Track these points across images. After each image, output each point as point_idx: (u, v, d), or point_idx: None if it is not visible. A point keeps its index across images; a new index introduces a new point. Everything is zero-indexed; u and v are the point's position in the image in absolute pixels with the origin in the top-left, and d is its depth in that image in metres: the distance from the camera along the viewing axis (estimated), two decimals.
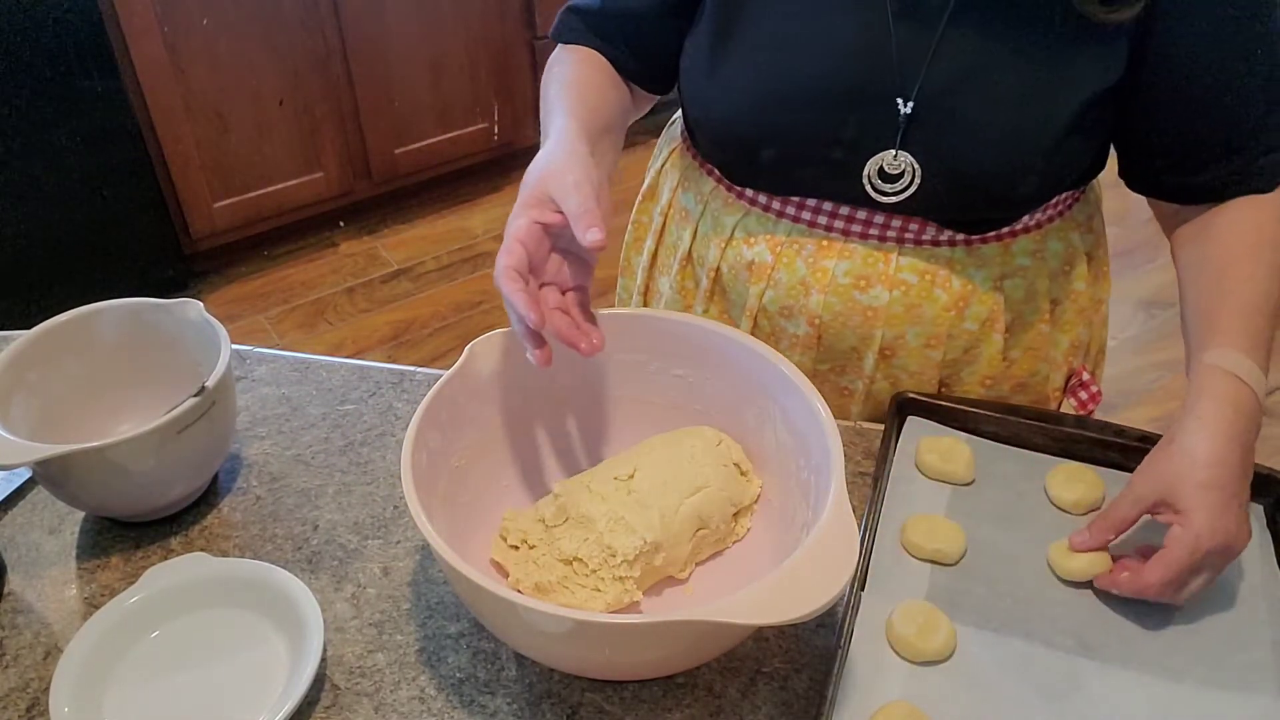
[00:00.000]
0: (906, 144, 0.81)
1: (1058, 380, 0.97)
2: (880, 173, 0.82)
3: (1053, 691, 0.67)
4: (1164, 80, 0.78)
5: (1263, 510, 0.80)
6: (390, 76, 2.67)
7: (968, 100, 0.78)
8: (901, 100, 0.79)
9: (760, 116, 0.84)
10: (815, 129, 0.82)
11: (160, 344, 0.87)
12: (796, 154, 0.84)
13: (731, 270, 0.94)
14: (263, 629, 0.73)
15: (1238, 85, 0.77)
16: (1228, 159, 0.80)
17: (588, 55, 0.92)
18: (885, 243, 0.87)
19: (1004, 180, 0.81)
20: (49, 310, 0.85)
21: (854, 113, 0.81)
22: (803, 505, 0.72)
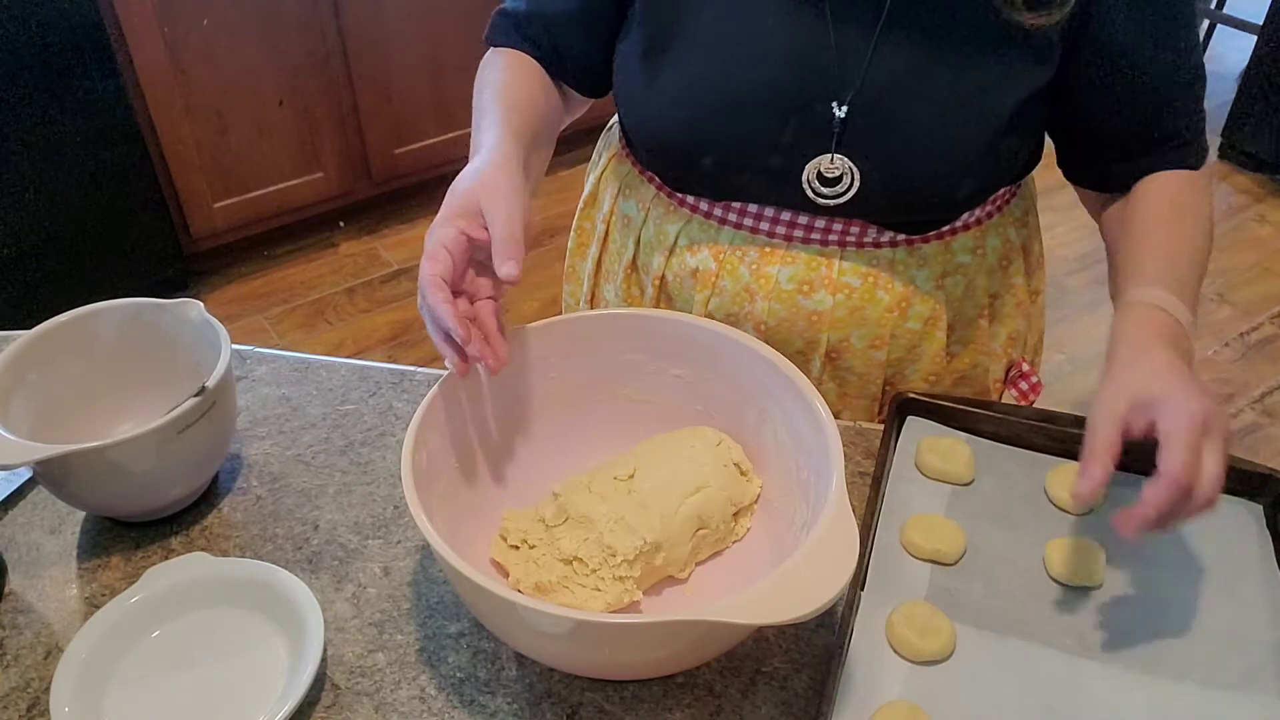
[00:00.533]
0: (842, 147, 0.81)
1: (998, 372, 0.98)
2: (819, 176, 0.83)
3: (1053, 691, 0.67)
4: (1098, 75, 0.80)
5: (1262, 510, 0.79)
6: (390, 76, 2.67)
7: (903, 103, 0.79)
8: (836, 104, 0.79)
9: (697, 126, 0.84)
10: (753, 136, 0.83)
11: (160, 344, 0.87)
12: (735, 161, 0.85)
13: (677, 278, 0.94)
14: (263, 629, 0.73)
15: (1167, 76, 0.81)
16: (1160, 146, 0.83)
17: (519, 60, 0.91)
18: (827, 247, 0.87)
19: (942, 181, 0.81)
20: (49, 310, 0.85)
21: (791, 119, 0.81)
22: (803, 505, 0.72)
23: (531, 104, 0.87)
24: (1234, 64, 3.73)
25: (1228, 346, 2.50)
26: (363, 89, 2.64)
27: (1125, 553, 0.76)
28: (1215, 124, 3.31)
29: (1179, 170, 0.84)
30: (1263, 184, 3.12)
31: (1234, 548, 0.77)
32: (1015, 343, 0.98)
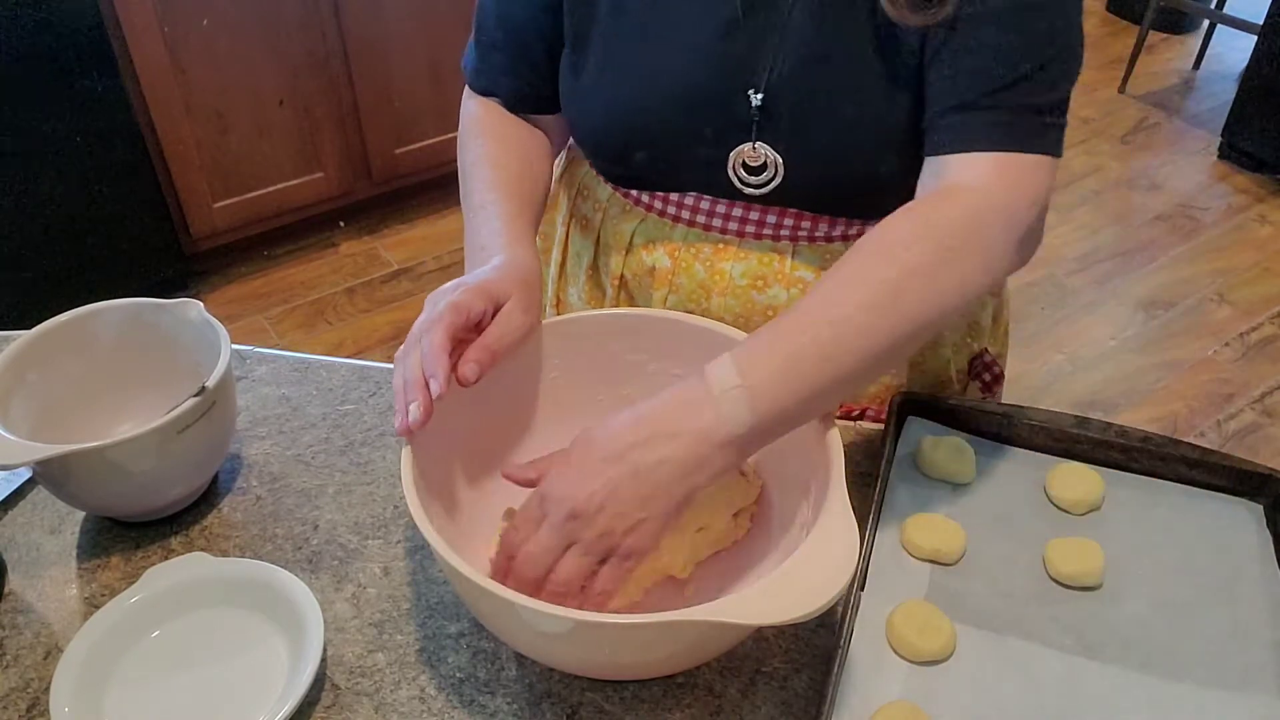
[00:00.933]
0: (763, 135, 0.82)
1: (961, 362, 0.98)
2: (744, 165, 0.83)
3: (1053, 691, 0.67)
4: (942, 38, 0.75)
5: (1262, 510, 0.80)
6: (390, 77, 2.67)
7: (812, 92, 0.79)
8: (753, 92, 0.80)
9: (624, 121, 0.85)
10: (678, 129, 0.84)
11: (160, 344, 0.87)
12: (666, 155, 0.86)
13: (635, 277, 0.95)
14: (263, 629, 0.73)
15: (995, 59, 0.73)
16: (962, 115, 0.74)
17: (505, 123, 0.92)
18: (779, 242, 0.88)
19: (860, 163, 0.81)
20: (49, 310, 0.85)
21: (711, 110, 0.82)
22: (803, 505, 0.72)
23: (534, 178, 0.89)
24: (1234, 64, 3.73)
25: (1228, 346, 2.50)
26: (363, 89, 2.64)
27: (1125, 553, 0.76)
28: (1215, 124, 3.32)
29: (913, 208, 0.73)
30: (1263, 184, 3.12)
31: (1234, 548, 0.77)
32: (976, 332, 0.99)
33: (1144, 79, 3.67)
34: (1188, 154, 3.28)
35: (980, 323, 0.98)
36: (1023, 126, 0.73)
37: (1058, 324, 2.58)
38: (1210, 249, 2.86)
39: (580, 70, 0.86)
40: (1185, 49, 3.89)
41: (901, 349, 0.69)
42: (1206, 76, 3.75)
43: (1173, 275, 2.75)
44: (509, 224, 0.81)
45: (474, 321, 0.71)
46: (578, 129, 0.90)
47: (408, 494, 0.65)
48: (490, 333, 0.71)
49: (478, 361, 0.70)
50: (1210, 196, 3.08)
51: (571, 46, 0.86)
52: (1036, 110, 0.73)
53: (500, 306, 0.73)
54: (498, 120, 0.92)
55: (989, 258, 0.71)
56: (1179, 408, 2.32)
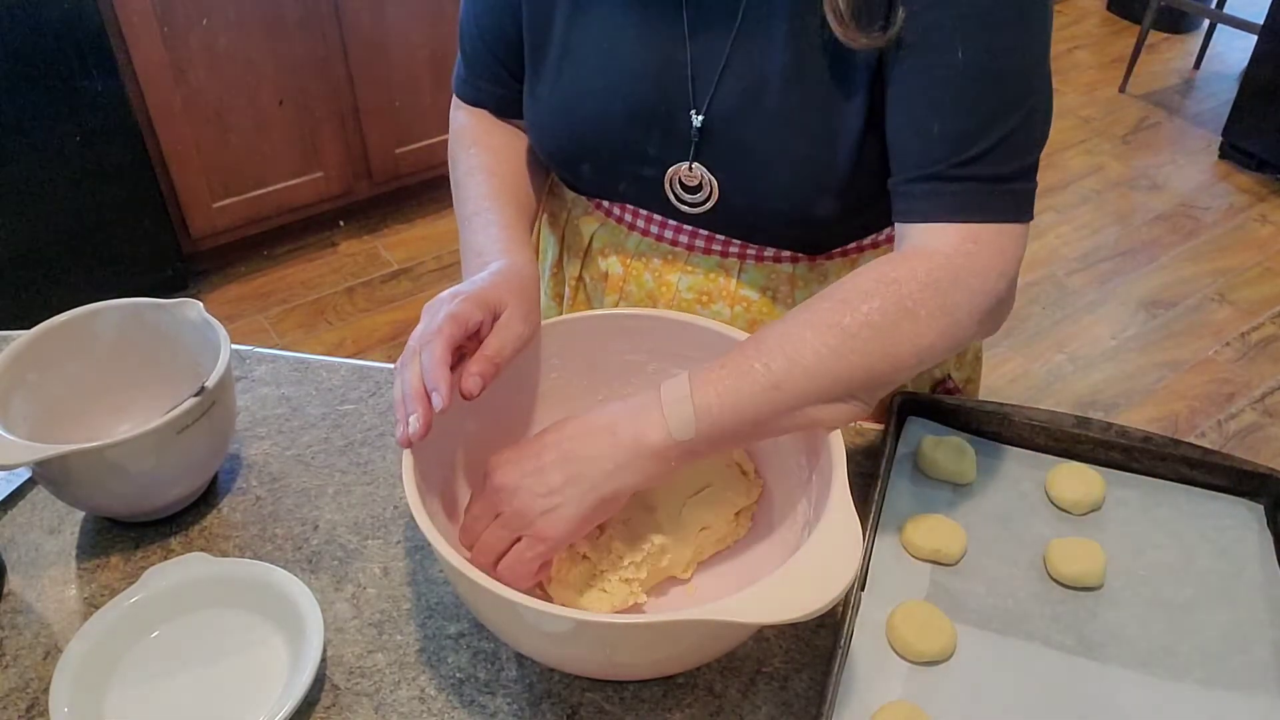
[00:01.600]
0: (700, 156, 0.82)
1: (922, 386, 0.98)
2: (680, 184, 0.84)
3: (1053, 691, 0.67)
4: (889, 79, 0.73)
5: (1263, 510, 0.79)
6: (390, 76, 2.66)
7: (753, 119, 0.78)
8: (694, 113, 0.80)
9: (571, 134, 0.86)
10: (622, 146, 0.84)
11: (160, 344, 0.87)
12: (609, 169, 0.87)
13: (591, 280, 0.96)
14: (263, 629, 0.73)
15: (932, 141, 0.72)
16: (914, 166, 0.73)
17: (495, 131, 0.92)
18: (727, 259, 0.88)
19: (794, 202, 0.80)
20: (49, 310, 0.85)
21: (654, 129, 0.82)
22: (804, 504, 0.72)
23: (526, 186, 0.90)
24: (1234, 64, 3.73)
25: (1228, 346, 2.50)
26: (363, 89, 2.63)
27: (1125, 553, 0.76)
28: (1215, 124, 3.32)
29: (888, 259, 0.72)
30: (1263, 184, 3.12)
31: (1234, 548, 0.77)
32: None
33: (1144, 79, 3.67)
34: (1188, 154, 3.28)
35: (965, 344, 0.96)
36: (991, 197, 0.71)
37: (1058, 324, 2.57)
38: (1211, 249, 2.86)
39: (536, 81, 0.86)
40: (1186, 49, 3.89)
41: (850, 393, 0.69)
42: (1207, 76, 3.75)
43: (1173, 275, 2.75)
44: (504, 230, 0.81)
45: (472, 330, 0.70)
46: (533, 138, 0.91)
47: (409, 494, 0.65)
48: (490, 343, 0.71)
49: (480, 374, 0.69)
50: (1211, 196, 3.08)
51: (529, 58, 0.86)
52: (1005, 178, 0.71)
53: (499, 315, 0.72)
54: (488, 129, 0.92)
55: (948, 322, 0.69)
56: (1179, 408, 2.32)
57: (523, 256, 0.79)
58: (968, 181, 0.71)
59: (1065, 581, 0.74)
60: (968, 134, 0.70)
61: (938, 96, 0.71)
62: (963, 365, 1.01)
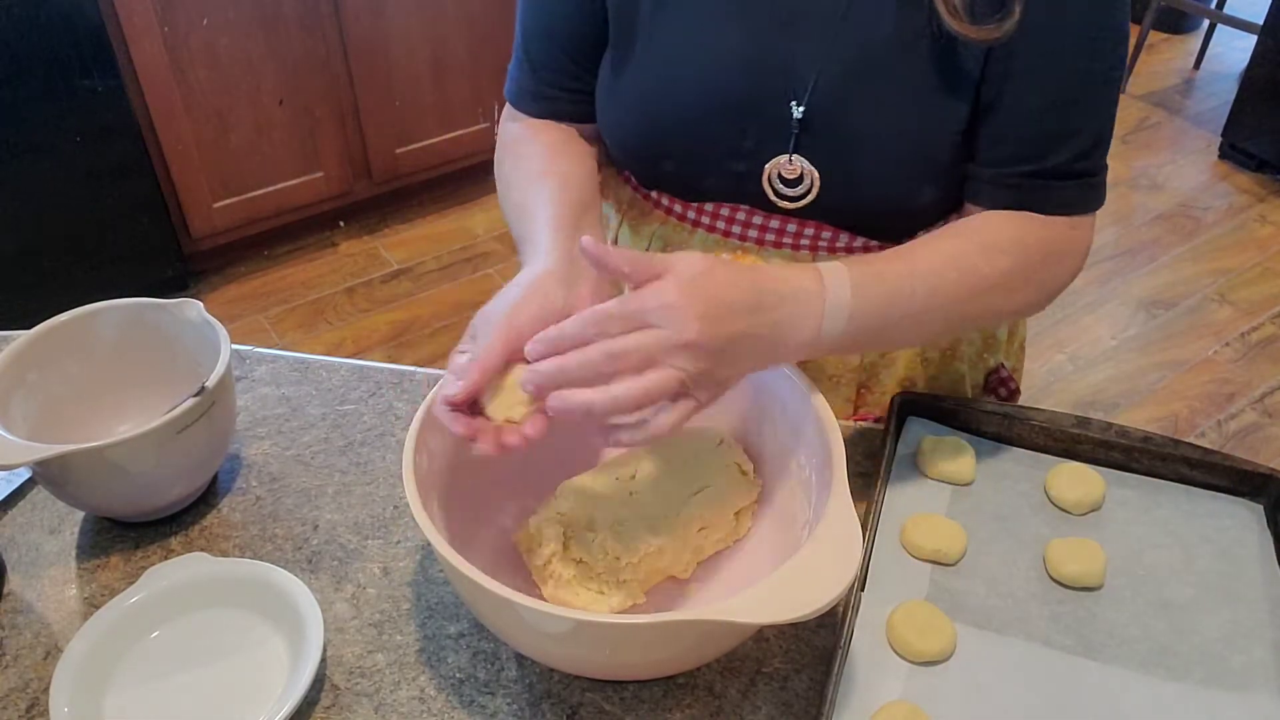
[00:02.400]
0: (800, 148, 0.81)
1: (977, 377, 0.98)
2: (779, 178, 0.82)
3: (1053, 691, 0.67)
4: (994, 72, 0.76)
5: (1263, 510, 0.79)
6: (391, 76, 2.67)
7: (857, 108, 0.78)
8: (794, 104, 0.79)
9: (655, 130, 0.84)
10: (712, 140, 0.83)
11: (160, 344, 0.87)
12: (697, 165, 0.85)
13: None
14: (263, 629, 0.73)
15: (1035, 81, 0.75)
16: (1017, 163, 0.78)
17: (545, 131, 0.89)
18: (799, 251, 0.87)
19: (900, 188, 0.81)
20: (49, 310, 0.85)
21: (749, 122, 0.81)
22: (804, 505, 0.72)
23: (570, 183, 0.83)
24: (1234, 64, 3.73)
25: (1228, 346, 2.50)
26: (363, 89, 2.64)
27: (1125, 553, 0.76)
28: (1215, 124, 3.32)
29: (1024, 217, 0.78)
30: (1263, 184, 3.12)
31: (1234, 548, 0.77)
32: (991, 347, 0.98)
33: (1144, 79, 3.67)
34: (1188, 154, 3.28)
35: (996, 337, 0.98)
36: (1087, 190, 0.79)
37: (1058, 324, 2.58)
38: (1211, 249, 2.86)
39: (619, 73, 0.84)
40: (1185, 49, 3.89)
41: (956, 333, 0.81)
42: (1207, 76, 3.75)
43: (1173, 275, 2.75)
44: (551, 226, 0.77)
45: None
46: (609, 134, 0.89)
47: (409, 494, 0.65)
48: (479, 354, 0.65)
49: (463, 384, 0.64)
50: (1211, 196, 3.08)
51: (613, 48, 0.84)
52: (1093, 172, 0.79)
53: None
54: (540, 134, 0.89)
55: (1047, 292, 0.79)
56: (1179, 408, 2.32)
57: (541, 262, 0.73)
58: (1069, 178, 0.78)
59: (1065, 581, 0.74)
60: (1072, 133, 0.77)
61: (1050, 96, 0.76)
62: (1010, 354, 1.01)
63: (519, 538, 0.76)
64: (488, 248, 2.85)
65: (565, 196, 0.79)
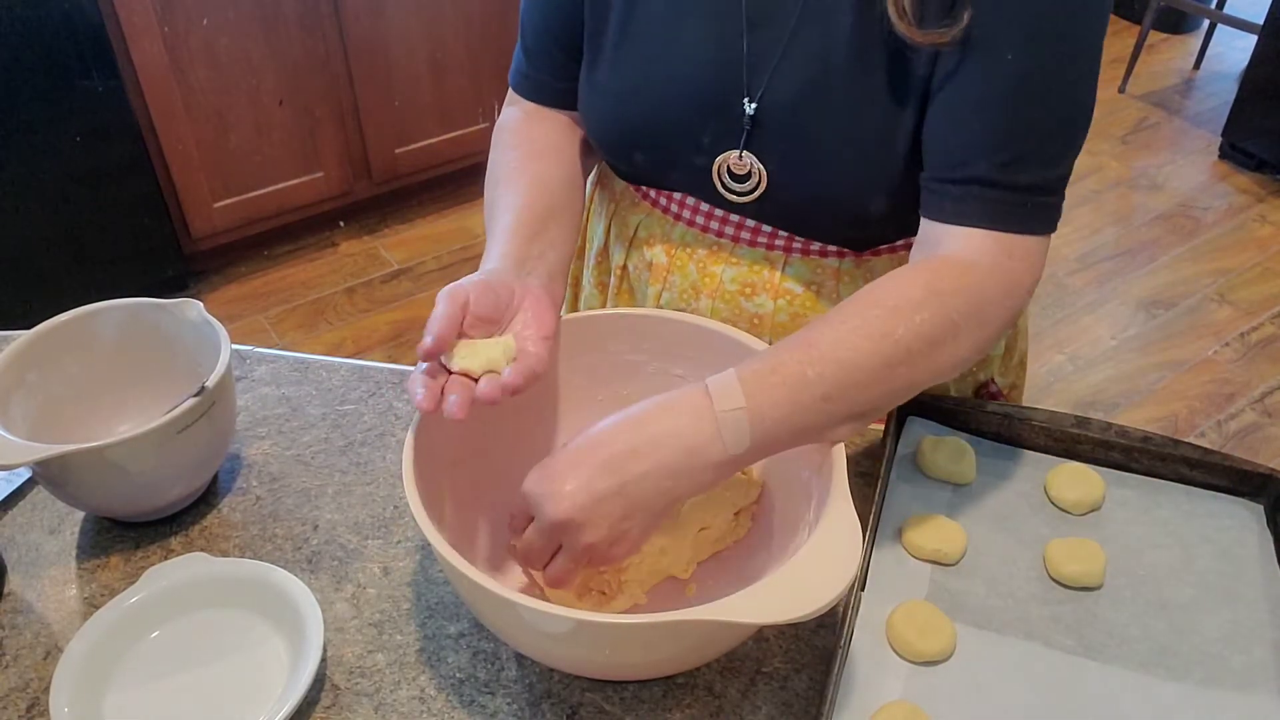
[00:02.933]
0: (751, 145, 0.81)
1: (965, 390, 0.97)
2: (729, 172, 0.83)
3: (1053, 691, 0.67)
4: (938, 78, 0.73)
5: (1263, 510, 0.79)
6: (390, 76, 2.67)
7: (809, 110, 0.78)
8: (747, 101, 0.80)
9: (626, 121, 0.86)
10: (676, 134, 0.84)
11: (160, 344, 0.87)
12: (662, 158, 0.87)
13: (636, 269, 0.96)
14: (263, 629, 0.73)
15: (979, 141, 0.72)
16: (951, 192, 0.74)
17: (534, 124, 0.91)
18: (773, 251, 0.87)
19: (847, 195, 0.80)
20: (49, 310, 0.85)
21: (709, 117, 0.82)
22: (804, 504, 0.72)
23: (540, 186, 0.84)
24: (1234, 64, 3.73)
25: (1228, 346, 2.50)
26: (363, 89, 2.64)
27: (1125, 553, 0.76)
28: (1215, 124, 3.32)
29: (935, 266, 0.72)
30: (1263, 184, 3.12)
31: (1234, 548, 0.77)
32: (984, 363, 0.97)
33: (1144, 79, 3.67)
34: (1188, 154, 3.28)
35: (989, 353, 0.96)
36: (1027, 208, 0.73)
37: (1058, 324, 2.58)
38: (1211, 249, 2.86)
39: (594, 65, 0.86)
40: (1185, 49, 3.89)
41: (889, 405, 0.70)
42: (1207, 76, 3.75)
43: (1173, 275, 2.75)
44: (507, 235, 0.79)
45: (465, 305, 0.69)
46: (586, 123, 0.90)
47: (409, 494, 0.65)
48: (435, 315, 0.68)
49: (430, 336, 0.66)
50: (1211, 196, 3.08)
51: (588, 44, 0.86)
52: (1041, 189, 0.73)
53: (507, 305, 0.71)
54: (535, 127, 0.91)
55: (985, 335, 0.71)
56: (1179, 408, 2.32)
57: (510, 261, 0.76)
58: (1006, 190, 0.72)
59: (1065, 581, 0.74)
60: (1010, 136, 0.71)
61: (985, 96, 0.71)
62: (1008, 370, 1.00)
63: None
64: None
65: (529, 202, 0.81)
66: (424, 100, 2.76)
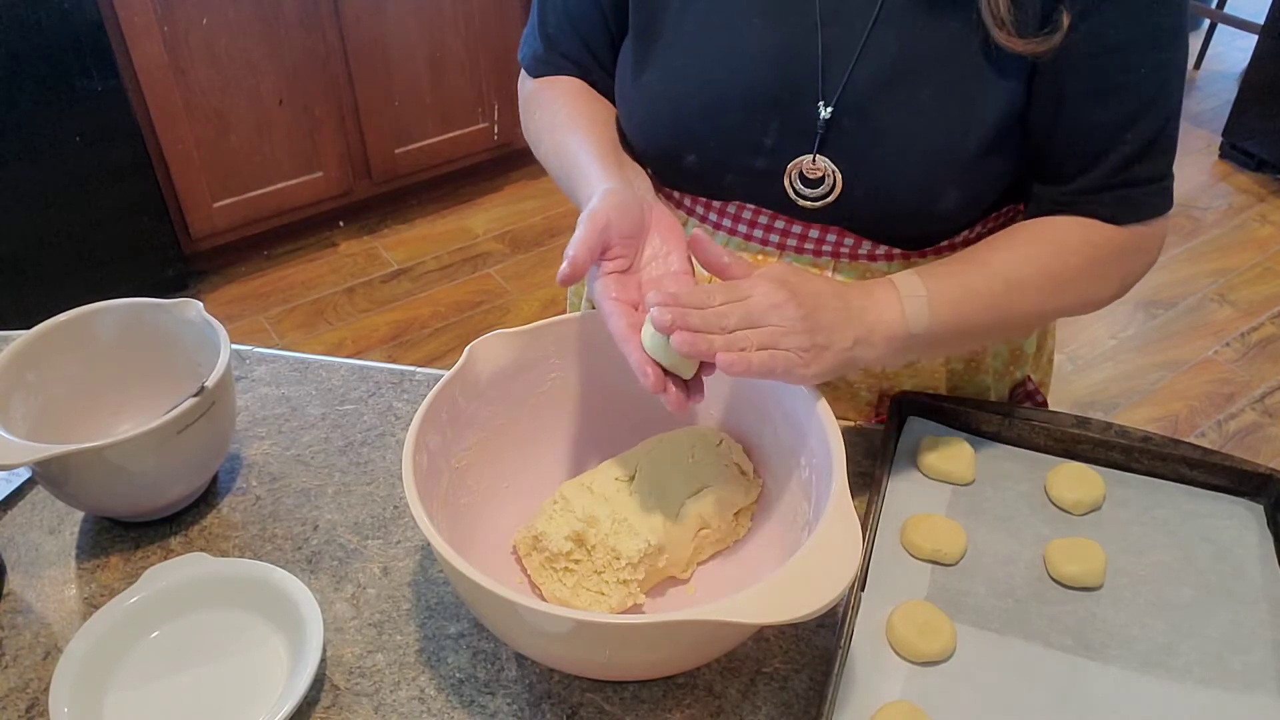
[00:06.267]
0: (825, 148, 0.80)
1: (1002, 390, 0.97)
2: (801, 177, 0.82)
3: (1053, 691, 0.67)
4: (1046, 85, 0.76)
5: (1263, 510, 0.79)
6: (390, 76, 2.67)
7: (886, 109, 0.78)
8: (822, 104, 0.79)
9: (679, 124, 0.84)
10: (736, 137, 0.82)
11: (160, 344, 0.87)
12: (718, 161, 0.85)
13: None
14: (263, 629, 0.73)
15: (1109, 105, 0.76)
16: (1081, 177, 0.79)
17: (567, 85, 0.91)
18: (820, 257, 0.87)
19: (922, 193, 0.80)
20: (49, 310, 0.85)
21: (774, 120, 0.81)
22: (804, 504, 0.72)
23: (602, 124, 0.87)
24: (1234, 64, 3.74)
25: (1228, 346, 2.50)
26: (363, 89, 2.64)
27: (1125, 553, 0.76)
28: (1215, 124, 3.32)
29: (1092, 221, 0.79)
30: (1263, 184, 3.12)
31: (1234, 548, 0.77)
32: (1019, 360, 0.97)
33: None
34: (1188, 154, 3.28)
35: (1024, 350, 0.97)
36: (1161, 196, 0.80)
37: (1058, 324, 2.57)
38: (1211, 249, 2.86)
39: (643, 65, 0.84)
40: None
41: (1039, 325, 0.87)
42: (1207, 76, 3.75)
43: (1173, 275, 2.75)
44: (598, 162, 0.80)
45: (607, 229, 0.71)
46: (631, 125, 0.88)
47: (409, 494, 0.65)
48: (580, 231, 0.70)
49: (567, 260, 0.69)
50: (1211, 196, 3.08)
51: (635, 39, 0.84)
52: (1164, 176, 0.79)
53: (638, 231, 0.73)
54: (562, 85, 0.91)
55: (1118, 287, 0.81)
56: (1179, 408, 2.32)
57: (619, 179, 0.78)
58: (1146, 185, 0.79)
59: (1065, 581, 0.74)
60: (1135, 143, 0.76)
61: (1107, 111, 0.76)
62: (1039, 367, 1.00)
63: (519, 538, 0.76)
64: (487, 248, 2.85)
65: (599, 136, 0.84)
66: (424, 100, 2.76)
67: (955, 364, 0.93)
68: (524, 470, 0.82)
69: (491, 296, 2.67)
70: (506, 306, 2.65)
